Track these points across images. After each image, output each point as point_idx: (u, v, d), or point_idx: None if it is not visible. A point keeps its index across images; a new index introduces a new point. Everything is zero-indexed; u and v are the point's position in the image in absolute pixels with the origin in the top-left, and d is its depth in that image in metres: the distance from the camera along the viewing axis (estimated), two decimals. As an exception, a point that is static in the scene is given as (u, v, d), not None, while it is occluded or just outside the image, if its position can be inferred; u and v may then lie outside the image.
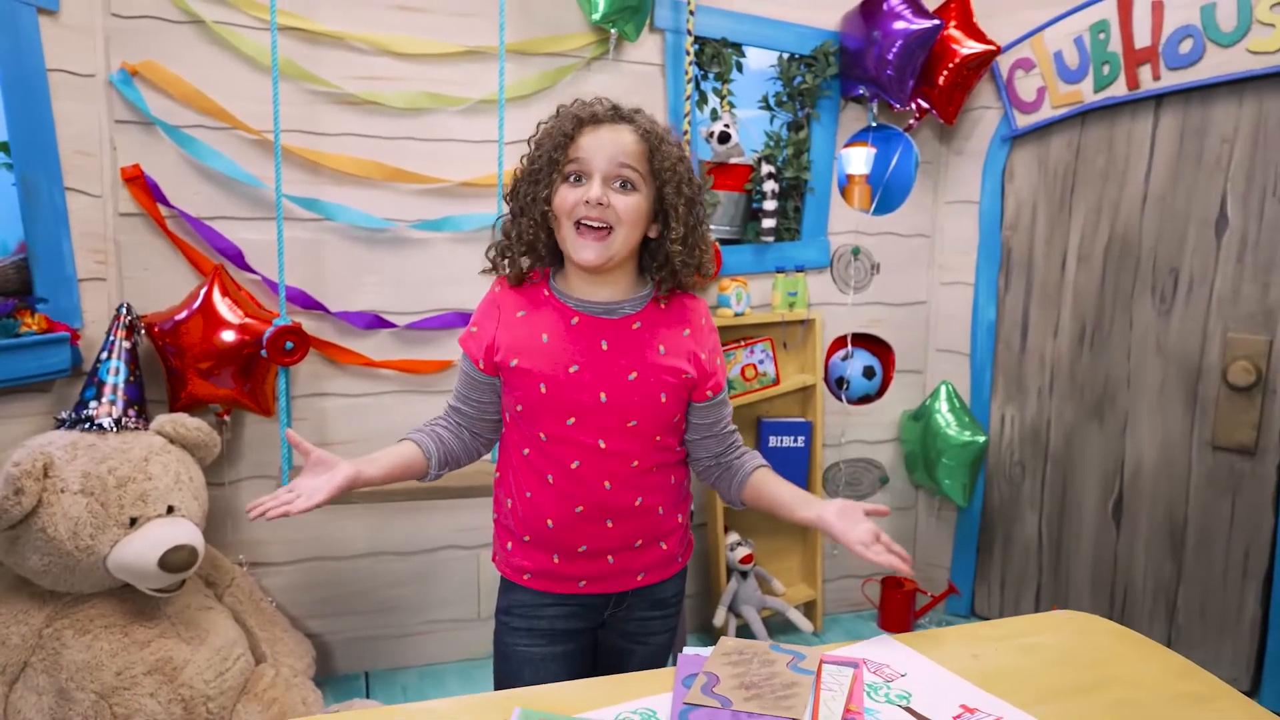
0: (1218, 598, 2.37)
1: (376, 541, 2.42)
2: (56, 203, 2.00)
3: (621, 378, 1.25)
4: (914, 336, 2.92)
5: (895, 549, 1.20)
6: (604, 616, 1.38)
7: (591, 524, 1.29)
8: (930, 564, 2.98)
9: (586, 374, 1.24)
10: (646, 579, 1.36)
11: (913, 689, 1.07)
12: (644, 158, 1.23)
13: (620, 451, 1.27)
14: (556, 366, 1.25)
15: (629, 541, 1.32)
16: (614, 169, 1.21)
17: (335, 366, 2.32)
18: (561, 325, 1.27)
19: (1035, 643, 1.20)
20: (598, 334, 1.26)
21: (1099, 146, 2.53)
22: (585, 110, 1.25)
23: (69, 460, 1.81)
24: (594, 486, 1.27)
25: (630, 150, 1.22)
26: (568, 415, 1.25)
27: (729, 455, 1.38)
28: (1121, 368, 2.53)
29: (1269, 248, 2.22)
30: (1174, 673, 1.12)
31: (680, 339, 1.30)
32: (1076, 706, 1.02)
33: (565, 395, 1.24)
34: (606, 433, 1.26)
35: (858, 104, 2.73)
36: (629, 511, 1.30)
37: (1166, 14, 2.30)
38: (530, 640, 1.35)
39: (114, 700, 1.78)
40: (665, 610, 1.41)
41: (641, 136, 1.24)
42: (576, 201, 1.21)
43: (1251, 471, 2.29)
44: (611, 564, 1.32)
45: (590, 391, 1.24)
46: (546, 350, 1.25)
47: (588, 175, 1.22)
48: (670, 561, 1.39)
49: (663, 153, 1.24)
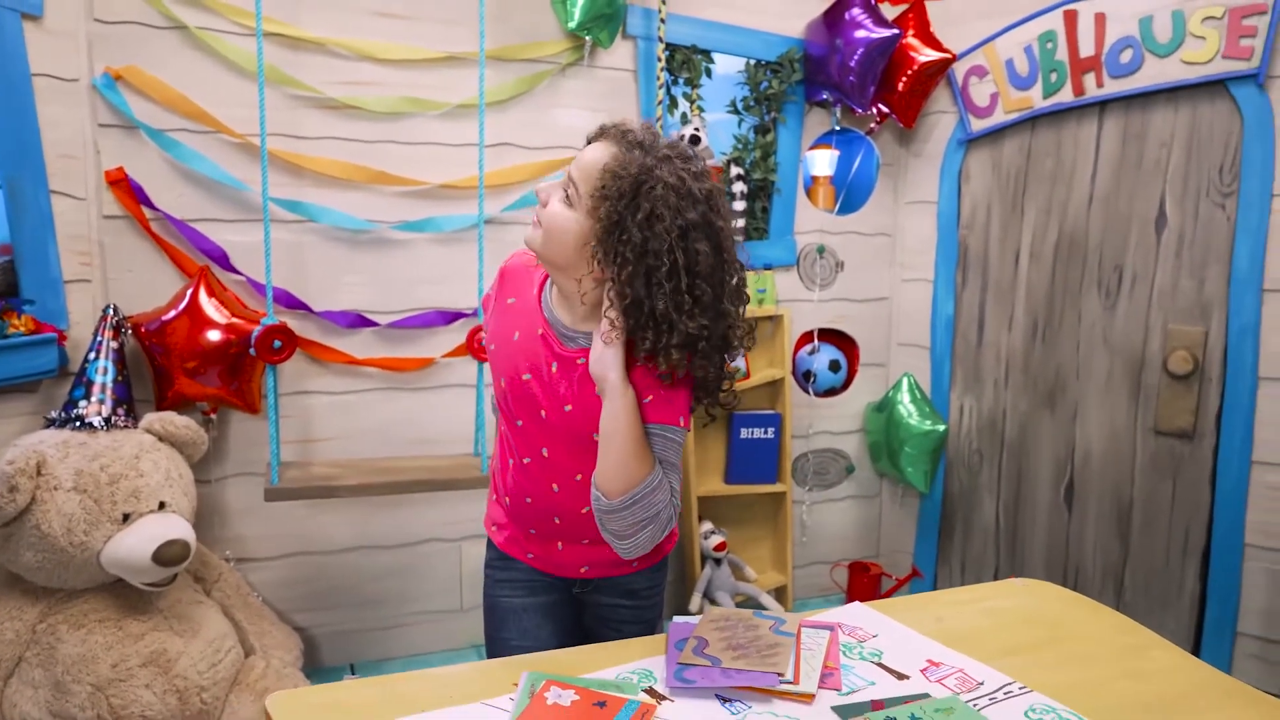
0: (1160, 574, 2.52)
1: (360, 536, 2.47)
2: (42, 205, 2.03)
3: (559, 407, 1.24)
4: (877, 331, 3.04)
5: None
6: (573, 591, 1.43)
7: (540, 515, 1.34)
8: (895, 549, 3.11)
9: (535, 386, 1.25)
10: (591, 573, 1.38)
11: (884, 647, 1.17)
12: (591, 179, 1.15)
13: (562, 465, 1.27)
14: (516, 369, 1.26)
15: (576, 538, 1.35)
16: (565, 179, 1.20)
17: (319, 365, 2.37)
18: (532, 330, 1.26)
19: (994, 606, 1.31)
20: (551, 355, 1.25)
21: (1048, 150, 2.68)
22: (601, 128, 1.23)
23: (61, 458, 1.84)
24: (543, 486, 1.31)
25: (589, 168, 1.16)
26: (518, 417, 1.29)
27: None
28: (1071, 359, 2.68)
29: (1203, 245, 2.38)
30: (1116, 629, 1.24)
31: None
32: (1030, 659, 1.13)
33: (517, 397, 1.27)
34: (551, 445, 1.27)
35: (822, 108, 2.85)
36: (575, 516, 1.31)
37: (1108, 26, 2.45)
38: (511, 590, 1.41)
39: (110, 692, 1.82)
40: (636, 601, 1.42)
41: (608, 160, 1.15)
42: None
43: (1190, 454, 2.44)
44: (560, 550, 1.37)
45: (535, 404, 1.26)
46: (512, 349, 1.27)
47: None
48: (621, 565, 1.37)
49: (619, 177, 1.12)
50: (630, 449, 1.15)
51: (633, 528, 1.16)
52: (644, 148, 1.15)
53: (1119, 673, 1.11)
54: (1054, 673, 1.09)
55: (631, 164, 1.13)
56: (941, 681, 1.08)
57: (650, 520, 1.16)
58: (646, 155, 1.14)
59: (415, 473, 2.25)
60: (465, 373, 2.48)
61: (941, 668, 1.12)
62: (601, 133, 1.21)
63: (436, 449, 2.46)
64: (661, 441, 1.20)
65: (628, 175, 1.12)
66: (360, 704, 0.99)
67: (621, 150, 1.15)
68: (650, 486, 1.16)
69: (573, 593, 1.44)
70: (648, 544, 1.18)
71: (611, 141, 1.17)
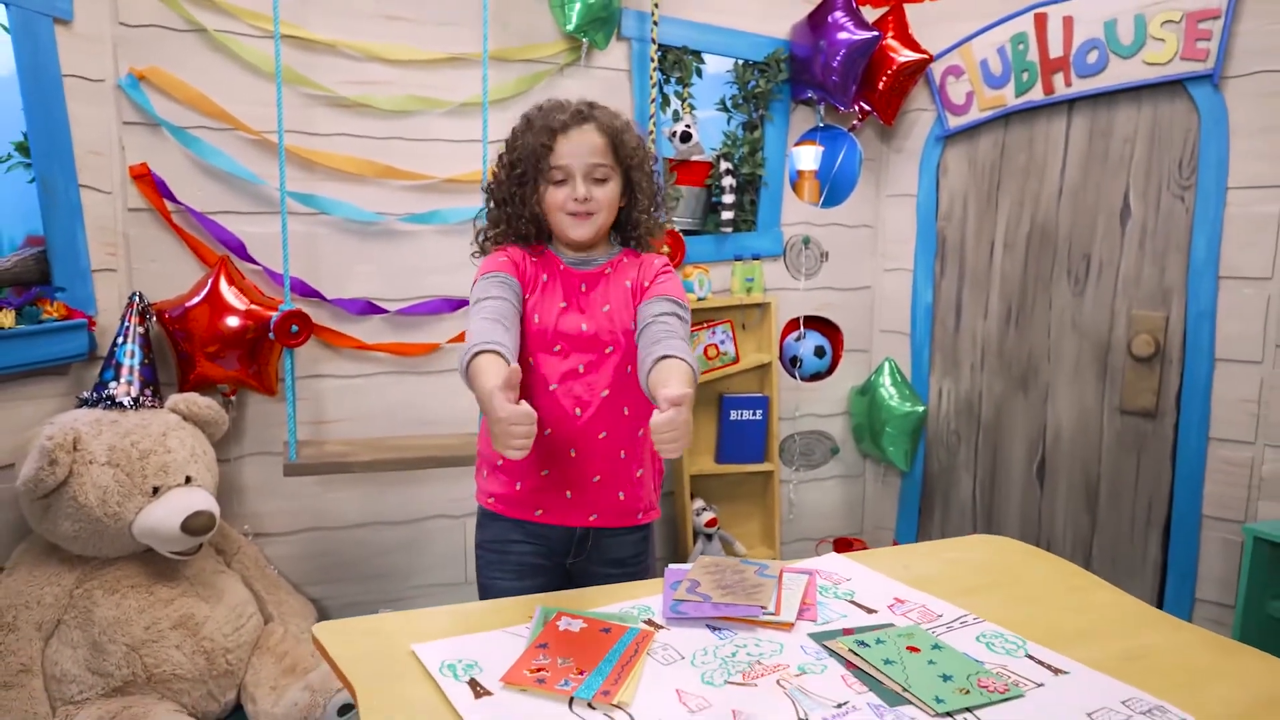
0: (1126, 545, 2.68)
1: (370, 512, 2.60)
2: (72, 199, 2.16)
3: (598, 310, 1.49)
4: (860, 318, 3.19)
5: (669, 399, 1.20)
6: (566, 562, 1.56)
7: (557, 449, 1.47)
8: (877, 525, 3.26)
9: (572, 308, 1.48)
10: (600, 521, 1.51)
11: (856, 588, 1.32)
12: (609, 151, 1.47)
13: (595, 378, 1.46)
14: (550, 302, 1.48)
15: (588, 475, 1.48)
16: (589, 167, 1.46)
17: (331, 350, 2.50)
18: (555, 270, 1.51)
19: (956, 557, 1.46)
20: (579, 278, 1.51)
21: (1020, 145, 2.83)
22: (556, 120, 1.46)
23: (95, 435, 1.97)
24: (566, 412, 1.46)
25: (598, 147, 1.46)
26: (555, 343, 1.48)
27: (653, 349, 1.38)
28: (1042, 344, 2.83)
29: (1164, 235, 2.53)
30: (1064, 574, 1.39)
31: (639, 275, 1.52)
32: (985, 598, 1.28)
33: (555, 327, 1.47)
34: (585, 358, 1.47)
35: (806, 106, 2.99)
36: (593, 445, 1.47)
37: (1076, 28, 2.60)
38: (503, 573, 1.53)
39: (144, 651, 1.95)
40: (624, 569, 1.55)
41: (604, 132, 1.47)
42: (565, 199, 1.46)
43: (1153, 432, 2.60)
44: (569, 499, 1.49)
45: (574, 322, 1.47)
46: (545, 288, 1.50)
47: (570, 176, 1.46)
48: (627, 514, 1.52)
49: (624, 141, 1.48)
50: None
51: None
52: (602, 113, 1.50)
53: (1061, 607, 1.26)
54: (1004, 608, 1.24)
55: (627, 128, 1.51)
56: (906, 615, 1.23)
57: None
58: (615, 118, 1.51)
59: (423, 450, 2.38)
60: (469, 357, 2.61)
61: (906, 604, 1.26)
62: (579, 118, 1.48)
63: (442, 429, 2.59)
64: (682, 321, 1.46)
65: (632, 136, 1.50)
66: (394, 631, 1.12)
67: (606, 122, 1.48)
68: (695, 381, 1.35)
69: (566, 567, 1.55)
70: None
71: (577, 124, 1.47)
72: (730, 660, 1.09)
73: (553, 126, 1.46)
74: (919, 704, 0.99)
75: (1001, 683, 1.03)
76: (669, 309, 1.45)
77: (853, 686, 1.03)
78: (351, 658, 1.04)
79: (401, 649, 1.07)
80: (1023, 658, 1.11)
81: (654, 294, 1.48)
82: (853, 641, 1.13)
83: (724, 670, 1.06)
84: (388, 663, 1.04)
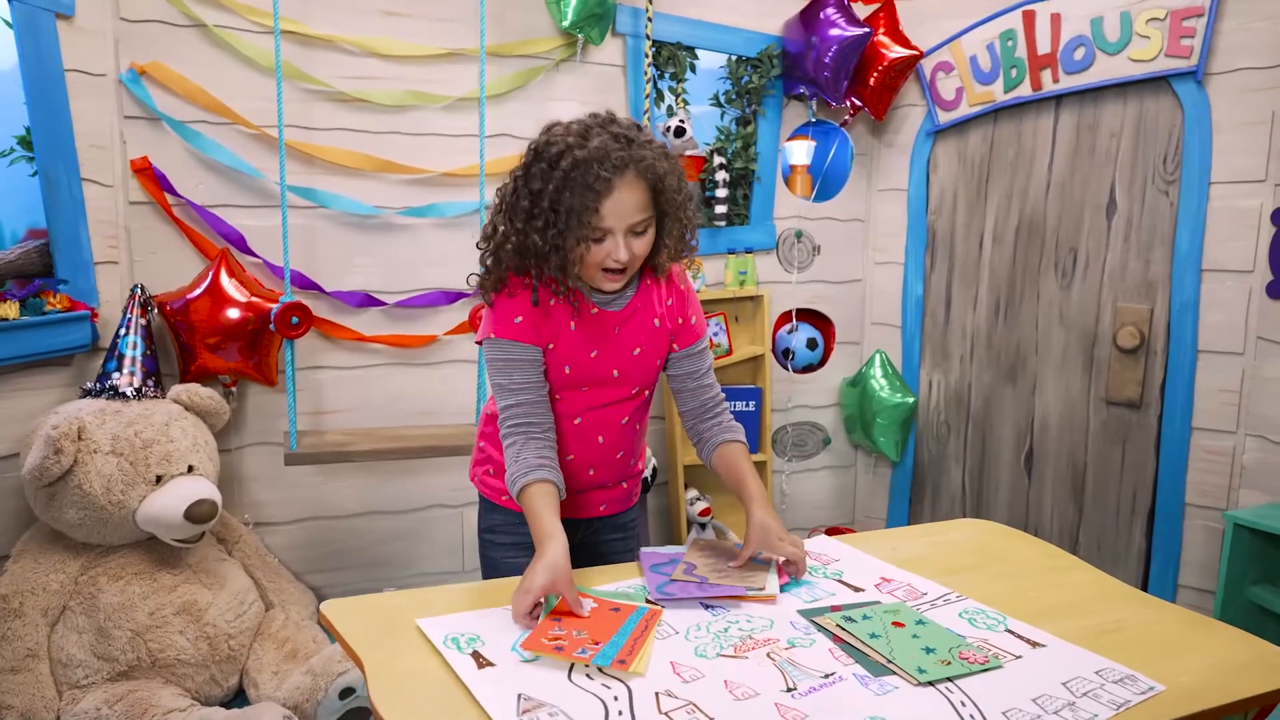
0: (1111, 533, 2.73)
1: (369, 502, 2.64)
2: (74, 192, 2.19)
3: (628, 354, 1.46)
4: (851, 311, 3.24)
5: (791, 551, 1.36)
6: (576, 539, 1.57)
7: (578, 470, 1.52)
8: (868, 515, 3.31)
9: (602, 355, 1.44)
10: (607, 510, 1.59)
11: (844, 568, 1.36)
12: (651, 203, 1.35)
13: (617, 413, 1.49)
14: (582, 350, 1.43)
15: (601, 484, 1.56)
16: (631, 225, 1.33)
17: (330, 342, 2.53)
18: (585, 314, 1.42)
19: (941, 540, 1.51)
20: (614, 322, 1.44)
21: (1009, 140, 2.88)
22: (598, 179, 1.29)
23: (99, 424, 2.01)
24: (589, 440, 1.50)
25: (642, 204, 1.34)
26: (585, 384, 1.47)
27: (707, 420, 1.54)
28: (1030, 336, 2.88)
29: (1149, 229, 2.58)
30: (1044, 555, 1.44)
31: (665, 308, 1.49)
32: (968, 577, 1.33)
33: (585, 373, 1.46)
34: (611, 395, 1.48)
35: (799, 101, 3.03)
36: (610, 463, 1.54)
37: (1063, 25, 2.64)
38: (515, 553, 1.56)
39: (148, 637, 1.99)
40: (626, 533, 1.66)
41: (645, 179, 1.33)
42: (605, 257, 1.34)
43: (1137, 422, 2.65)
44: (579, 498, 1.55)
45: (606, 368, 1.45)
46: (574, 337, 1.42)
47: (611, 234, 1.33)
48: (626, 498, 1.62)
49: (665, 187, 1.35)
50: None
51: None
52: (640, 151, 1.33)
53: (1040, 585, 1.31)
54: (986, 586, 1.29)
55: (670, 170, 1.36)
56: (892, 593, 1.27)
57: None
58: (657, 158, 1.34)
59: (422, 440, 2.42)
60: (466, 349, 2.65)
61: (892, 583, 1.31)
62: (621, 167, 1.31)
63: (439, 420, 2.63)
64: (706, 359, 1.55)
65: (674, 178, 1.36)
66: (399, 607, 1.17)
67: (647, 166, 1.33)
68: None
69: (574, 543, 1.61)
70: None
71: (620, 174, 1.30)
72: (722, 635, 1.13)
73: (596, 188, 1.30)
74: (902, 674, 1.03)
75: (981, 655, 1.08)
76: (708, 364, 1.54)
77: (839, 659, 1.08)
78: (359, 632, 1.08)
79: (406, 624, 1.11)
80: (1003, 632, 1.15)
81: (689, 340, 1.51)
82: (840, 617, 1.18)
83: (716, 644, 1.11)
84: (393, 637, 1.08)
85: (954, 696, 0.99)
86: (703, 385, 1.54)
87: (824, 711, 0.95)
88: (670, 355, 1.54)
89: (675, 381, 1.56)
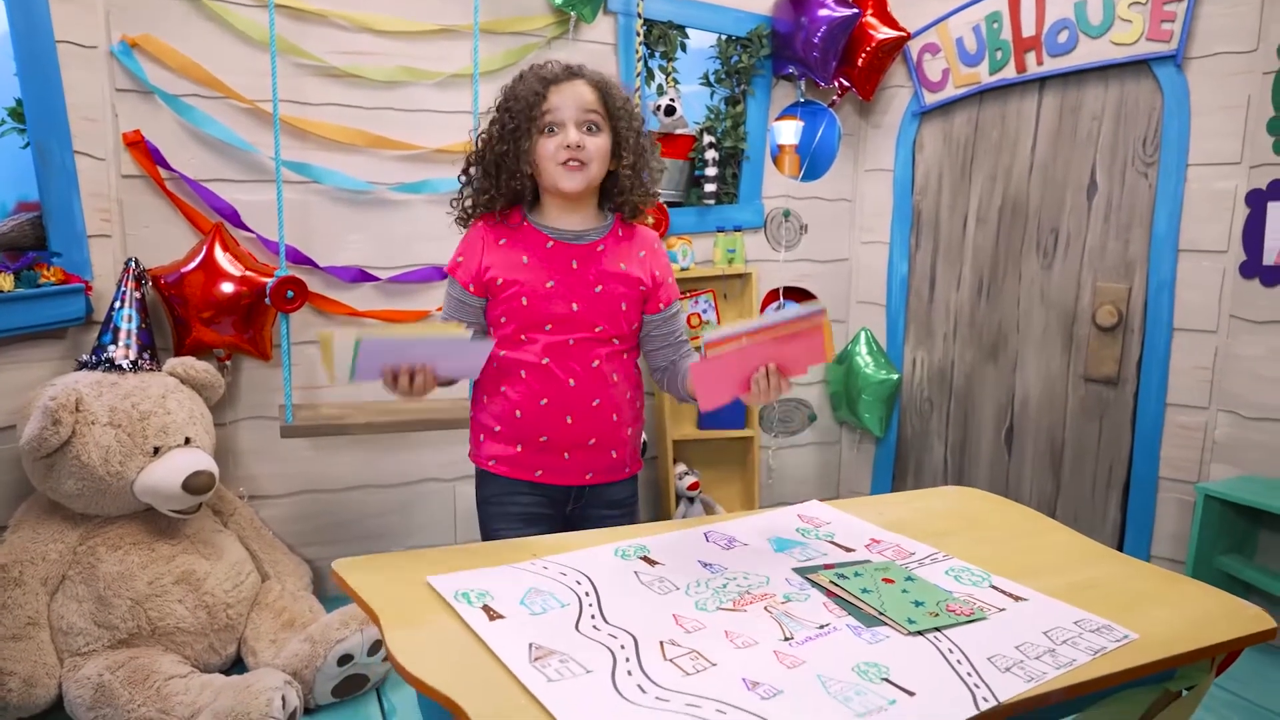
0: (1088, 507, 2.82)
1: (363, 475, 2.67)
2: (67, 165, 2.18)
3: (589, 290, 1.53)
4: (838, 289, 3.29)
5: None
6: (566, 511, 1.65)
7: (553, 416, 1.56)
8: (853, 490, 3.38)
9: (561, 288, 1.52)
10: (595, 479, 1.61)
11: (835, 530, 1.41)
12: (600, 103, 1.51)
13: (584, 352, 1.54)
14: (536, 282, 1.51)
15: (584, 439, 1.57)
16: (581, 116, 1.49)
17: (323, 316, 2.55)
18: (539, 249, 1.53)
19: (926, 505, 1.56)
20: (569, 255, 1.53)
21: (994, 122, 2.93)
22: (548, 72, 1.51)
23: (96, 396, 2.02)
24: (560, 383, 1.54)
25: (590, 100, 1.50)
26: (545, 322, 1.53)
27: (679, 359, 1.63)
28: (1012, 314, 2.95)
29: (1128, 210, 2.65)
30: (1023, 518, 1.50)
31: (637, 259, 1.57)
32: (954, 539, 1.38)
33: (543, 306, 1.52)
34: (575, 335, 1.53)
35: (788, 81, 3.06)
36: (587, 410, 1.55)
37: (1047, 8, 2.69)
38: (508, 524, 1.61)
39: (148, 605, 2.02)
40: (620, 510, 1.68)
41: (594, 86, 1.51)
42: (558, 147, 1.48)
43: (1114, 399, 2.73)
44: (566, 460, 1.59)
45: (564, 303, 1.52)
46: (527, 269, 1.52)
47: (560, 125, 1.48)
48: (618, 469, 1.64)
49: (613, 96, 1.53)
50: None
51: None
52: (590, 71, 1.54)
53: (1019, 547, 1.36)
54: (970, 547, 1.34)
55: (616, 84, 1.55)
56: (881, 553, 1.33)
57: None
58: (604, 74, 1.55)
59: (415, 414, 2.45)
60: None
61: (882, 544, 1.36)
62: (570, 73, 1.52)
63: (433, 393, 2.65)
64: (681, 319, 1.65)
65: (619, 90, 1.54)
66: (408, 566, 1.21)
67: (595, 78, 1.53)
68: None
69: (566, 514, 1.65)
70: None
71: (568, 79, 1.51)
72: (721, 590, 1.18)
73: (545, 77, 1.50)
74: (893, 625, 1.09)
75: (967, 607, 1.14)
76: (683, 322, 1.66)
77: (833, 611, 1.13)
78: (372, 586, 1.12)
79: (417, 581, 1.15)
80: (987, 588, 1.21)
81: (668, 299, 1.61)
82: (833, 574, 1.23)
83: (716, 599, 1.16)
84: (406, 592, 1.12)
85: (942, 645, 1.04)
86: (680, 341, 1.65)
87: (821, 658, 1.00)
88: (651, 318, 1.61)
89: (653, 343, 1.63)
